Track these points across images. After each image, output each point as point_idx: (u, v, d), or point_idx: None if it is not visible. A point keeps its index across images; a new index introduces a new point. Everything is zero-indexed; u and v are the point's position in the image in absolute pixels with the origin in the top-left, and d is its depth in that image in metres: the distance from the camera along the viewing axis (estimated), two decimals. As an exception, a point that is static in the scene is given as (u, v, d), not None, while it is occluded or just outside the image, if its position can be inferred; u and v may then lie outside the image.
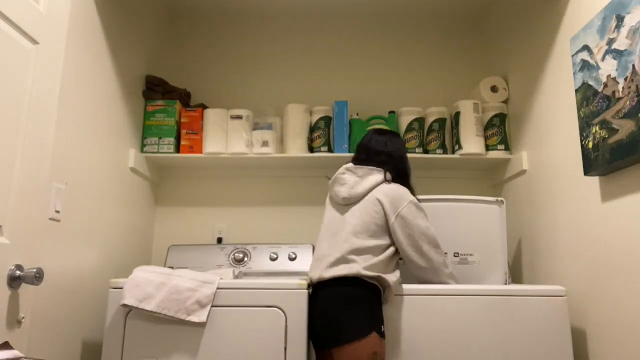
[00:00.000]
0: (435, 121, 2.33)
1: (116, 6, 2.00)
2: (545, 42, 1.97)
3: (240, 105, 2.45)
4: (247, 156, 2.26)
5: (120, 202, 2.05)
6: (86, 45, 1.76)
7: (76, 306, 1.70)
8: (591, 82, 1.57)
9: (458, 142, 2.29)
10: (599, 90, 1.52)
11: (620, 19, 1.44)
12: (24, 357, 1.09)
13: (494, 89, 2.36)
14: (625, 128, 1.39)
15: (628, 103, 1.38)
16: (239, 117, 2.29)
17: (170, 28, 2.67)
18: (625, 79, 1.40)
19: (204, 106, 2.40)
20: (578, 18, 1.73)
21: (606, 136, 1.48)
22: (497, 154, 2.27)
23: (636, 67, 1.36)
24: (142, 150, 2.26)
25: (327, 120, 2.33)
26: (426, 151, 2.33)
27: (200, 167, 2.46)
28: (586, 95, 1.60)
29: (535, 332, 1.61)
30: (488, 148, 2.29)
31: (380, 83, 2.62)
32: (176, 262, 2.18)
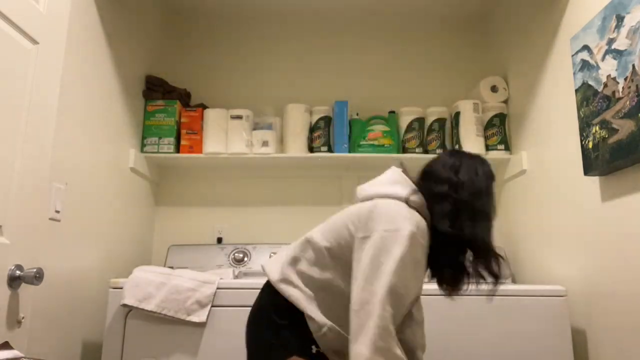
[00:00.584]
0: (435, 121, 2.33)
1: (116, 6, 2.00)
2: (545, 42, 1.97)
3: (240, 105, 2.44)
4: (247, 156, 2.26)
5: (120, 202, 2.05)
6: (86, 45, 1.76)
7: (76, 306, 1.70)
8: (591, 82, 1.57)
9: (458, 142, 2.29)
10: (599, 90, 1.52)
11: (620, 19, 1.44)
12: (24, 357, 1.09)
13: (494, 89, 2.36)
14: (625, 128, 1.39)
15: (628, 103, 1.38)
16: (239, 117, 2.29)
17: (170, 28, 2.67)
18: (625, 79, 1.40)
19: (204, 106, 2.40)
20: (578, 18, 1.73)
21: (606, 136, 1.48)
22: (497, 154, 2.27)
23: (636, 67, 1.36)
24: (142, 150, 2.26)
25: (327, 120, 2.33)
26: (426, 151, 2.33)
27: (200, 167, 2.46)
28: (586, 95, 1.59)
29: (536, 332, 1.61)
30: (488, 148, 2.29)
31: (380, 83, 2.62)
32: (176, 262, 2.18)
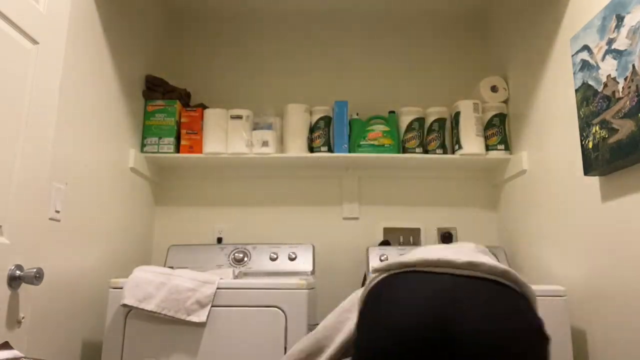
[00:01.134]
0: (435, 121, 2.33)
1: (116, 6, 2.00)
2: (545, 42, 1.97)
3: (240, 105, 2.45)
4: (247, 156, 2.26)
5: (120, 202, 2.05)
6: (86, 45, 1.76)
7: (76, 306, 1.70)
8: (591, 82, 1.57)
9: (458, 142, 2.29)
10: (599, 90, 1.52)
11: (620, 19, 1.44)
12: (24, 357, 1.09)
13: (494, 89, 2.36)
14: (625, 128, 1.39)
15: (628, 103, 1.38)
16: (239, 117, 2.29)
17: (170, 28, 2.67)
18: (625, 79, 1.40)
19: (204, 106, 2.40)
20: (578, 18, 1.73)
21: (606, 136, 1.48)
22: (497, 154, 2.27)
23: (636, 67, 1.36)
24: (142, 150, 2.26)
25: (327, 120, 2.33)
26: (426, 151, 2.33)
27: (200, 167, 2.46)
28: (586, 95, 1.59)
29: (535, 332, 1.61)
30: (488, 148, 2.29)
31: (380, 83, 2.62)
32: (176, 262, 2.18)
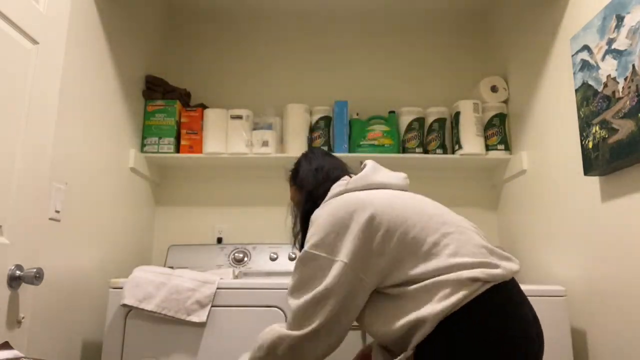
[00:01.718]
0: (435, 121, 2.33)
1: (116, 6, 2.00)
2: (545, 42, 1.97)
3: (240, 105, 2.45)
4: (247, 156, 2.26)
5: (120, 202, 2.05)
6: (86, 45, 1.76)
7: (76, 306, 1.70)
8: (591, 82, 1.57)
9: (458, 142, 2.29)
10: (599, 90, 1.52)
11: (620, 19, 1.44)
12: (24, 357, 1.09)
13: (494, 89, 2.36)
14: (625, 128, 1.39)
15: (628, 103, 1.38)
16: (239, 117, 2.29)
17: (170, 28, 2.67)
18: (625, 79, 1.40)
19: (204, 106, 2.40)
20: (578, 18, 1.73)
21: (606, 136, 1.48)
22: (497, 154, 2.27)
23: (636, 67, 1.36)
24: (142, 150, 2.26)
25: (327, 120, 2.33)
26: (426, 151, 2.33)
27: (200, 167, 2.46)
28: (586, 95, 1.59)
29: (535, 332, 1.61)
30: (488, 148, 2.29)
31: (380, 83, 2.62)
32: (176, 262, 2.18)
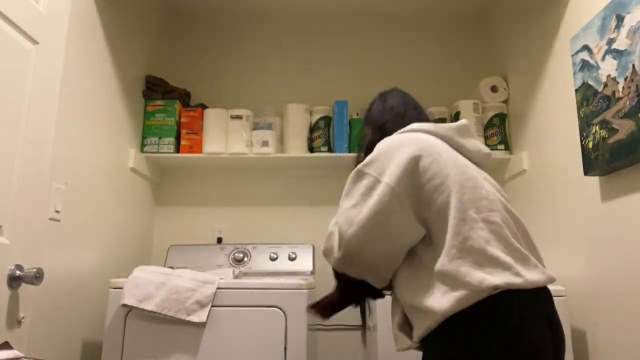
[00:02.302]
0: (436, 121, 2.32)
1: (116, 6, 2.00)
2: (546, 42, 1.97)
3: (240, 105, 2.44)
4: (247, 156, 2.26)
5: (120, 202, 2.05)
6: (86, 45, 1.76)
7: (76, 306, 1.70)
8: (591, 82, 1.57)
9: (458, 142, 2.28)
10: (599, 90, 1.52)
11: (620, 19, 1.44)
12: (24, 357, 1.09)
13: (494, 89, 2.36)
14: (625, 128, 1.39)
15: (628, 103, 1.38)
16: (239, 117, 2.29)
17: (170, 28, 2.67)
18: (625, 79, 1.40)
19: (204, 106, 2.40)
20: (578, 18, 1.73)
21: (606, 136, 1.48)
22: (497, 154, 2.27)
23: (636, 67, 1.35)
24: (142, 150, 2.26)
25: (327, 120, 2.33)
26: (426, 151, 2.32)
27: (200, 167, 2.46)
28: (586, 95, 1.59)
29: (535, 332, 1.61)
30: (488, 148, 2.28)
31: (380, 83, 2.58)
32: (176, 262, 2.18)
